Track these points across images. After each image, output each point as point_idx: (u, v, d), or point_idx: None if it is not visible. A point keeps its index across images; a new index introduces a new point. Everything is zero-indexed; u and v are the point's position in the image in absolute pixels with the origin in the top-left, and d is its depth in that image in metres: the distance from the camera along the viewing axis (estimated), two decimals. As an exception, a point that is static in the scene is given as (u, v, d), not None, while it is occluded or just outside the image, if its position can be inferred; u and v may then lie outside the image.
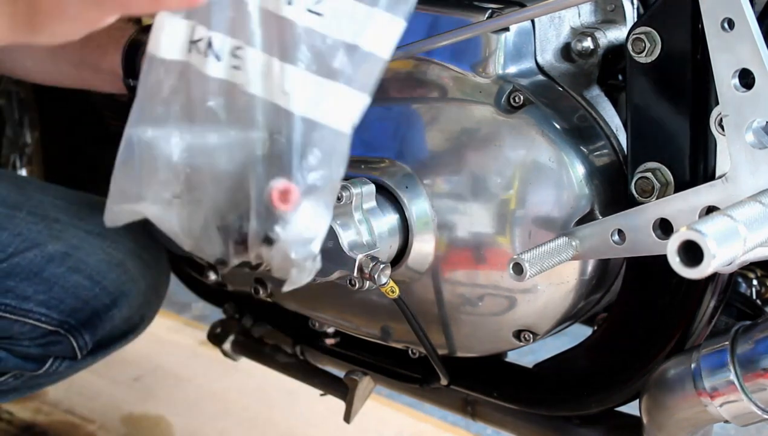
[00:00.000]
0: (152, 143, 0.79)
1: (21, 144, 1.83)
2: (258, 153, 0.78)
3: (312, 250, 0.79)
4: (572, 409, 1.08)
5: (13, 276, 1.18)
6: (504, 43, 0.97)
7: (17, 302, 1.18)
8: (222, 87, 0.77)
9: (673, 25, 0.85)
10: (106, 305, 1.22)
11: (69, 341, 1.20)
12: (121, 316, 1.24)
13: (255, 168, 0.79)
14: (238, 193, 0.80)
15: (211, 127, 0.79)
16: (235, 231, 0.82)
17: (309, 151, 0.77)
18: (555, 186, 0.94)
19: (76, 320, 1.20)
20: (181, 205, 0.82)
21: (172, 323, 2.26)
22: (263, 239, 0.79)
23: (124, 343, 1.29)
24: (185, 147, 0.79)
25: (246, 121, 0.78)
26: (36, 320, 1.19)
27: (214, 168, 0.80)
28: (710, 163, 0.87)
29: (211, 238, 0.83)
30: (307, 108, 0.76)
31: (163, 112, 0.79)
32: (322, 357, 1.31)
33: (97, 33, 1.31)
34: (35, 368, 1.22)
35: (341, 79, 0.76)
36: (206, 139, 0.79)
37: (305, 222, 0.78)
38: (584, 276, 0.97)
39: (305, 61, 0.75)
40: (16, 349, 1.20)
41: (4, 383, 1.26)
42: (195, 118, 0.79)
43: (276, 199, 0.77)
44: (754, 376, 0.87)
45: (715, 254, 0.66)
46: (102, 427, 1.87)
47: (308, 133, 0.76)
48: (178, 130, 0.79)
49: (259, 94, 0.76)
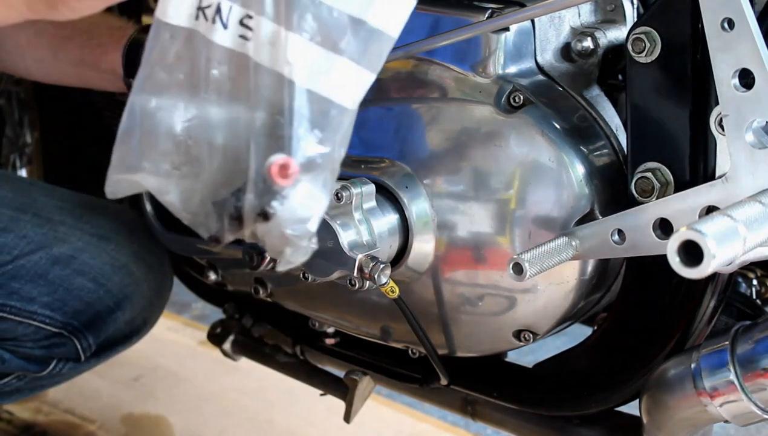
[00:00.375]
0: (155, 113, 0.78)
1: (21, 144, 1.83)
2: (259, 126, 0.77)
3: (308, 229, 0.78)
4: (572, 409, 1.08)
5: (18, 278, 1.18)
6: (504, 43, 0.97)
7: (22, 303, 1.18)
8: (227, 56, 0.76)
9: (673, 25, 0.85)
10: (109, 307, 1.22)
11: (73, 343, 1.21)
12: (124, 319, 1.24)
13: (256, 141, 0.77)
14: (236, 167, 0.79)
15: (215, 98, 0.78)
16: (231, 205, 0.80)
17: (311, 124, 0.75)
18: (555, 186, 0.94)
19: (79, 322, 1.20)
20: (180, 177, 0.80)
21: (172, 323, 2.26)
22: (259, 214, 0.78)
23: (127, 345, 1.29)
24: (187, 118, 0.78)
25: (249, 92, 0.77)
26: (40, 322, 1.19)
27: (215, 140, 0.79)
28: (710, 163, 0.87)
29: (207, 212, 0.82)
30: (311, 80, 0.75)
31: (167, 80, 0.78)
32: (322, 357, 1.31)
33: (97, 32, 1.31)
34: (38, 369, 1.23)
35: (347, 54, 0.75)
36: (209, 111, 0.78)
37: (303, 199, 0.77)
38: (584, 276, 0.97)
39: (310, 32, 0.74)
40: (19, 350, 1.20)
41: (8, 384, 1.26)
42: (199, 87, 0.78)
43: (275, 173, 0.76)
44: (754, 376, 0.87)
45: (715, 253, 0.66)
46: (102, 427, 1.87)
47: (311, 105, 0.75)
48: (181, 100, 0.78)
49: (264, 64, 0.75)
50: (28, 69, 1.32)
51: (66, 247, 1.21)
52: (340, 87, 0.76)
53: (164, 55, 0.77)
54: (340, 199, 0.99)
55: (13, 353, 1.20)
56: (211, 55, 0.76)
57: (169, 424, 1.90)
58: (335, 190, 0.99)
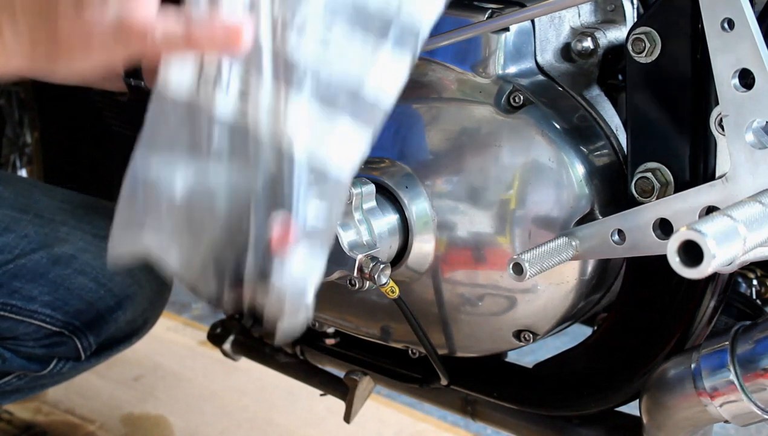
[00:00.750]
0: (155, 179, 0.79)
1: (21, 144, 1.84)
2: (260, 192, 0.78)
3: (306, 301, 0.79)
4: (572, 409, 1.08)
5: (20, 277, 1.18)
6: (504, 43, 0.97)
7: (23, 302, 1.18)
8: (228, 124, 0.76)
9: (673, 25, 0.85)
10: (110, 307, 1.22)
11: (73, 342, 1.21)
12: (125, 318, 1.24)
13: (256, 207, 0.78)
14: (237, 230, 0.80)
15: (215, 165, 0.78)
16: (231, 270, 0.81)
17: (310, 191, 0.76)
18: (555, 186, 0.94)
19: (80, 321, 1.20)
20: (181, 240, 0.81)
21: (172, 323, 2.26)
22: (258, 281, 0.79)
23: (127, 345, 1.30)
24: (188, 184, 0.79)
25: (250, 158, 0.77)
26: (41, 321, 1.19)
27: (215, 206, 0.80)
28: (710, 163, 0.87)
29: (208, 276, 0.83)
30: (310, 147, 0.76)
31: (167, 149, 0.78)
32: (322, 357, 1.31)
33: None
34: (39, 368, 1.23)
35: (345, 121, 0.76)
36: (209, 177, 0.79)
37: (301, 269, 0.78)
38: (584, 276, 0.97)
39: (309, 99, 0.75)
40: (20, 349, 1.21)
41: (8, 384, 1.26)
42: (200, 155, 0.78)
43: (274, 243, 0.77)
44: (754, 376, 0.87)
45: (715, 254, 0.66)
46: (102, 427, 1.87)
47: (310, 172, 0.76)
48: (182, 168, 0.78)
49: (264, 131, 0.76)
50: None
51: (67, 247, 1.21)
52: (339, 154, 0.77)
53: (165, 123, 0.78)
54: (340, 200, 0.99)
55: (14, 352, 1.21)
56: (212, 123, 0.76)
57: (169, 424, 1.89)
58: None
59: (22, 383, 1.27)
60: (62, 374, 1.25)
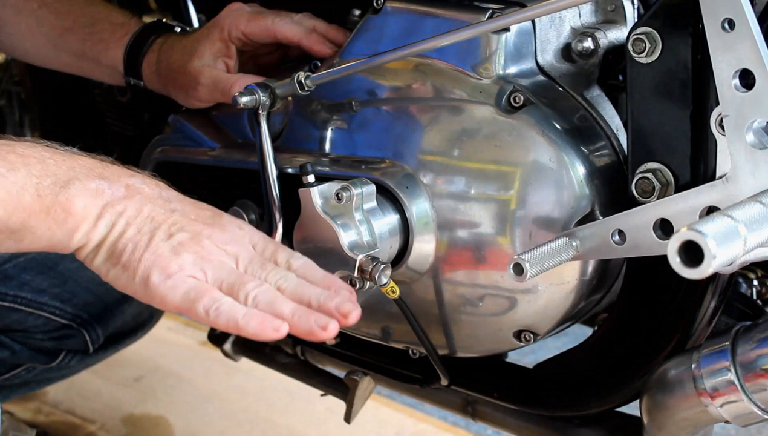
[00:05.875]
0: None
1: (21, 144, 1.83)
2: None
3: None
4: (572, 409, 1.08)
5: (29, 270, 1.20)
6: (504, 44, 0.97)
7: (33, 294, 1.20)
8: None
9: (674, 25, 0.85)
10: (117, 300, 1.23)
11: (81, 335, 1.22)
12: (131, 312, 1.26)
13: None
14: None
15: None
16: None
17: None
18: (555, 186, 0.94)
19: (88, 313, 1.22)
20: None
21: (173, 323, 2.26)
22: None
23: (133, 339, 1.31)
24: None
25: None
26: (50, 313, 1.20)
27: None
28: (710, 164, 0.87)
29: None
30: None
31: None
32: (322, 357, 1.31)
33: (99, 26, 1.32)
34: (48, 361, 1.24)
35: None
36: None
37: None
38: (585, 276, 0.97)
39: None
40: (30, 342, 1.22)
41: (17, 376, 1.27)
42: None
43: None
44: (755, 376, 0.87)
45: (715, 254, 0.66)
46: (102, 427, 1.87)
47: None
48: None
49: None
50: (26, 53, 1.32)
51: None
52: None
53: None
54: (340, 200, 0.99)
55: (24, 344, 1.22)
56: None
57: (170, 424, 1.90)
58: (336, 191, 0.99)
59: (30, 375, 1.28)
60: (70, 367, 1.26)
